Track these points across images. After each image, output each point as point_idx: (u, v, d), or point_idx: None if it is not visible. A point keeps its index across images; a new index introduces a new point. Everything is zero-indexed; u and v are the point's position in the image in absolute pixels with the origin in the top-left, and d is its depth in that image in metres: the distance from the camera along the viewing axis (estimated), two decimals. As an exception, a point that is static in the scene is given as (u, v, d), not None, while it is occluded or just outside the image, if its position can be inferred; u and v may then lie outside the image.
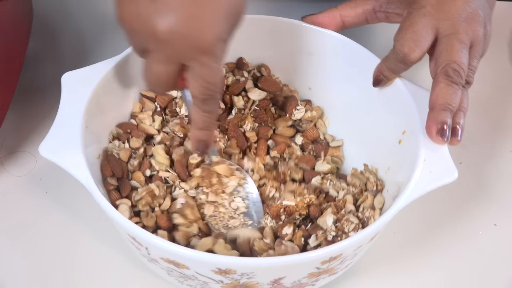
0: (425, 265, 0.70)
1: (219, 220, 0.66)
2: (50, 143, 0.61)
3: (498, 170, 0.78)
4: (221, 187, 0.66)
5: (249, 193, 0.67)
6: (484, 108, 0.85)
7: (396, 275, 0.69)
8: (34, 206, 0.73)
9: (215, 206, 0.66)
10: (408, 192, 0.59)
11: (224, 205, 0.66)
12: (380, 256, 0.70)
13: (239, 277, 0.56)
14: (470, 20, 0.65)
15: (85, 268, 0.68)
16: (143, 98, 0.73)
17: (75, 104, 0.64)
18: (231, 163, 0.68)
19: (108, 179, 0.65)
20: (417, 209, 0.72)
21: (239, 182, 0.67)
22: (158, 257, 0.57)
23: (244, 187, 0.67)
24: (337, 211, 0.65)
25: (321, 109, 0.76)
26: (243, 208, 0.66)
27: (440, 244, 0.72)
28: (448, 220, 0.73)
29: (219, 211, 0.66)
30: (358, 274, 0.69)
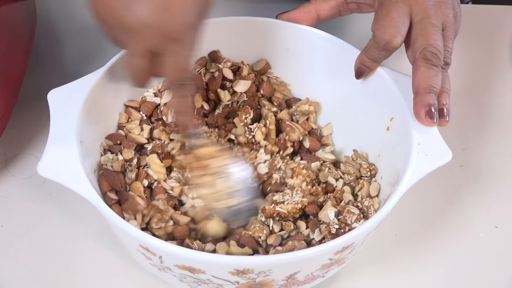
0: (423, 264, 0.71)
1: (212, 200, 0.66)
2: (48, 162, 0.60)
3: (499, 171, 0.79)
4: (204, 170, 0.67)
5: (236, 173, 0.68)
6: (485, 110, 0.86)
7: (395, 274, 0.70)
8: (37, 208, 0.73)
9: (201, 188, 0.67)
10: (408, 176, 0.60)
11: (212, 185, 0.67)
12: (378, 254, 0.71)
13: (255, 276, 0.57)
14: (439, 4, 0.68)
15: (87, 271, 0.69)
16: (128, 108, 0.72)
17: (65, 120, 0.63)
18: (216, 145, 0.69)
19: (108, 194, 0.65)
20: (416, 208, 0.75)
21: (222, 163, 0.67)
22: (172, 265, 0.57)
23: (229, 167, 0.68)
24: (337, 203, 0.66)
25: (319, 104, 0.77)
26: (228, 189, 0.67)
27: (438, 243, 0.72)
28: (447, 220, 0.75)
29: (210, 193, 0.66)
30: (357, 272, 0.70)
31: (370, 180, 0.69)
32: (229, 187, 0.67)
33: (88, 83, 0.66)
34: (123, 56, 0.68)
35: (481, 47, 0.95)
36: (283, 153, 0.72)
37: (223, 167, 0.67)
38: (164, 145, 0.69)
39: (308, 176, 0.68)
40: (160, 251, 0.56)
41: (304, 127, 0.75)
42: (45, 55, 0.89)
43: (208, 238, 0.65)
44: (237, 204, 0.67)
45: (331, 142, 0.76)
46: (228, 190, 0.67)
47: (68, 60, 0.90)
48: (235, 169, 0.68)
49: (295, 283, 0.60)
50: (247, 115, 0.72)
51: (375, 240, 0.70)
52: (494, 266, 0.71)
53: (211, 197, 0.66)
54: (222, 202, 0.67)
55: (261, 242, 0.64)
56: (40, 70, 0.86)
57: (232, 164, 0.68)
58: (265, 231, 0.64)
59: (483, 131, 0.83)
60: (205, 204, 0.67)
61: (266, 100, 0.76)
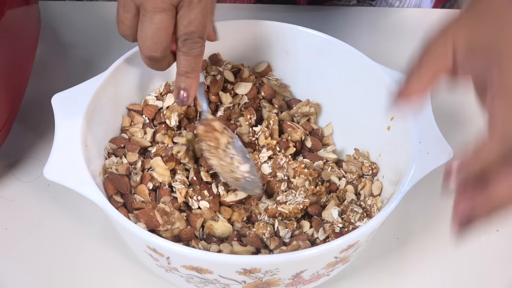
0: (425, 267, 0.71)
1: (225, 171, 0.68)
2: (54, 166, 0.61)
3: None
4: (217, 142, 0.68)
5: (238, 152, 0.70)
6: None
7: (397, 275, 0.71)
8: (41, 211, 0.74)
9: (218, 158, 0.68)
10: (410, 174, 0.61)
11: (223, 159, 0.68)
12: (381, 257, 0.72)
13: (262, 275, 0.57)
14: None
15: (92, 273, 0.69)
16: (131, 111, 0.73)
17: (70, 124, 0.64)
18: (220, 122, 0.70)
19: (113, 197, 0.65)
20: (417, 212, 0.75)
21: (227, 140, 0.69)
22: (180, 265, 0.58)
23: (233, 145, 0.69)
24: (340, 202, 0.67)
25: (320, 106, 0.78)
26: (236, 162, 0.69)
27: (440, 246, 0.73)
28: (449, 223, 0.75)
29: (221, 164, 0.68)
30: (360, 272, 0.70)
31: (372, 178, 0.70)
32: (237, 160, 0.69)
33: (92, 87, 0.67)
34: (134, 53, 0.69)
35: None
36: (286, 153, 0.72)
37: (230, 144, 0.69)
38: (167, 148, 0.70)
39: (310, 175, 0.69)
40: (168, 251, 0.56)
41: (305, 127, 0.75)
42: (49, 60, 0.90)
43: (213, 239, 0.66)
44: (248, 175, 0.69)
45: (332, 142, 0.77)
46: (236, 163, 0.69)
47: (72, 65, 0.90)
48: (236, 146, 0.70)
49: (301, 282, 0.61)
50: (251, 115, 0.73)
51: (378, 241, 0.71)
52: (495, 269, 0.71)
53: (227, 168, 0.68)
54: (236, 172, 0.69)
55: (266, 239, 0.65)
56: (44, 75, 0.87)
57: (233, 141, 0.70)
58: (269, 229, 0.65)
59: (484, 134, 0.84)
60: (221, 174, 0.68)
61: (266, 102, 0.77)
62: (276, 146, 0.73)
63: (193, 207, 0.69)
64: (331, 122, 0.77)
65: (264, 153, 0.72)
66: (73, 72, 0.88)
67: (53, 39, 0.93)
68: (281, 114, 0.76)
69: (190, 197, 0.69)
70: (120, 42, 0.70)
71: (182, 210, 0.68)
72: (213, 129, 0.68)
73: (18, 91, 0.75)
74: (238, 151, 0.70)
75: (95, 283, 0.69)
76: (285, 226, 0.66)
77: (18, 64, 0.74)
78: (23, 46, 0.76)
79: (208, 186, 0.70)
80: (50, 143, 0.62)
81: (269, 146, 0.73)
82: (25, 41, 0.77)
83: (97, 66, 0.87)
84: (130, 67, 0.71)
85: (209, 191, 0.69)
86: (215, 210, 0.69)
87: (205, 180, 0.70)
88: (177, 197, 0.68)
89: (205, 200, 0.69)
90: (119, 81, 0.70)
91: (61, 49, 0.93)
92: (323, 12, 0.98)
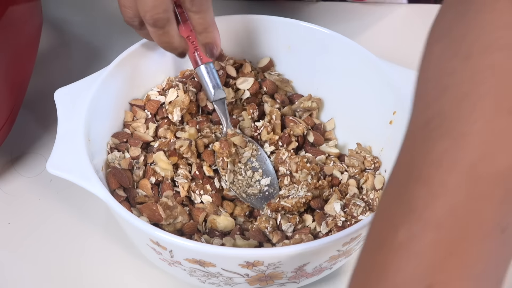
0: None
1: (239, 186, 0.69)
2: (56, 160, 0.61)
3: None
4: (237, 157, 0.70)
5: (262, 164, 0.71)
6: None
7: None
8: (44, 206, 0.74)
9: (234, 174, 0.69)
10: (413, 167, 0.61)
11: (241, 173, 0.70)
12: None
13: (265, 268, 0.57)
14: None
15: (94, 268, 0.69)
16: (133, 106, 0.73)
17: (73, 119, 0.64)
18: (244, 136, 0.72)
19: (116, 191, 0.65)
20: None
21: (252, 153, 0.70)
22: (183, 259, 0.58)
23: (257, 158, 0.71)
24: (342, 196, 0.67)
25: (322, 101, 0.78)
26: (258, 176, 0.70)
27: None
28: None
29: (237, 179, 0.69)
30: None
31: (374, 173, 0.70)
32: (259, 174, 0.70)
33: (94, 82, 0.67)
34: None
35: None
36: (288, 147, 0.73)
37: (252, 157, 0.71)
38: (170, 143, 0.70)
39: (312, 169, 0.69)
40: (171, 245, 0.56)
41: (307, 122, 0.76)
42: (51, 56, 0.90)
43: (216, 233, 0.66)
44: (268, 189, 0.70)
45: (334, 137, 0.77)
46: (258, 176, 0.70)
47: (74, 60, 0.91)
48: (261, 159, 0.71)
49: (304, 275, 0.61)
50: (253, 110, 0.74)
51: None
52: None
53: (245, 183, 0.69)
54: (255, 187, 0.70)
55: (268, 233, 0.65)
56: (46, 71, 0.87)
57: (259, 154, 0.71)
58: (272, 223, 0.65)
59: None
60: (237, 189, 0.69)
61: (268, 97, 0.77)
62: (278, 141, 0.73)
63: (196, 201, 0.69)
64: (333, 117, 0.77)
65: (267, 148, 0.73)
66: (75, 67, 0.89)
67: (55, 34, 0.94)
68: (283, 109, 0.76)
69: (192, 192, 0.69)
70: (122, 37, 0.71)
71: (185, 204, 0.69)
72: (229, 146, 0.69)
73: (20, 86, 0.75)
74: (262, 163, 0.71)
75: (98, 278, 0.69)
76: (287, 220, 0.66)
77: (21, 59, 0.75)
78: (25, 41, 0.76)
79: (210, 180, 0.70)
80: (52, 138, 0.62)
81: (271, 141, 0.73)
82: (27, 36, 0.77)
83: (100, 61, 0.87)
84: (133, 62, 0.72)
85: (211, 185, 0.70)
86: (218, 204, 0.69)
87: (207, 175, 0.70)
88: (179, 192, 0.68)
89: (207, 194, 0.69)
90: (122, 76, 0.70)
91: (63, 44, 0.94)
92: (326, 7, 0.98)
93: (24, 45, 0.76)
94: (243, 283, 0.60)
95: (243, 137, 0.71)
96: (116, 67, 0.69)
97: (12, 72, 0.72)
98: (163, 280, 0.68)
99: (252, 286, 0.61)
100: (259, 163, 0.71)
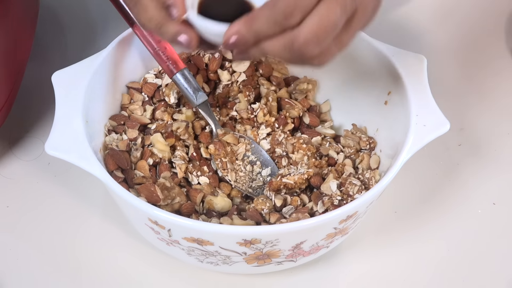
0: (423, 239, 0.72)
1: (243, 182, 0.70)
2: (55, 141, 0.61)
3: (496, 151, 0.81)
4: (233, 155, 0.70)
5: (258, 155, 0.71)
6: (481, 91, 0.87)
7: (395, 247, 0.71)
8: (42, 189, 0.75)
9: (235, 172, 0.69)
10: (408, 146, 0.62)
11: (242, 169, 0.70)
12: (379, 229, 0.73)
13: (263, 246, 0.58)
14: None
15: (93, 249, 0.70)
16: (130, 89, 0.73)
17: (71, 101, 0.64)
18: (234, 133, 0.72)
19: (114, 172, 0.66)
20: (414, 186, 0.76)
21: (245, 147, 0.71)
22: (181, 238, 0.59)
23: (252, 151, 0.71)
24: (339, 175, 0.68)
25: (317, 83, 0.78)
26: (257, 168, 0.71)
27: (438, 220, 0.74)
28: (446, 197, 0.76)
29: (240, 176, 0.70)
30: (359, 245, 0.71)
31: (370, 153, 0.71)
32: (258, 166, 0.71)
33: (91, 65, 0.68)
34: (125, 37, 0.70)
35: (477, 28, 0.96)
36: (284, 129, 0.73)
37: (248, 151, 0.71)
38: (167, 125, 0.70)
39: (308, 150, 0.70)
40: (169, 223, 0.57)
41: (303, 104, 0.76)
42: (48, 41, 0.90)
43: (213, 213, 0.66)
44: (271, 178, 0.70)
45: (330, 118, 0.77)
46: (258, 169, 0.71)
47: (70, 45, 0.91)
48: (256, 150, 0.72)
49: (301, 253, 0.62)
50: (249, 92, 0.74)
51: (376, 216, 0.72)
52: (491, 242, 0.72)
53: (248, 178, 0.70)
54: (258, 180, 0.70)
55: (264, 215, 0.66)
56: (43, 56, 0.87)
57: (252, 146, 0.72)
58: (268, 204, 0.66)
59: (480, 111, 0.85)
60: (242, 186, 0.70)
61: (264, 79, 0.77)
62: (274, 123, 0.73)
63: (193, 182, 0.69)
64: (329, 98, 0.78)
65: (263, 130, 0.73)
66: (72, 51, 0.89)
67: (52, 19, 0.94)
68: (279, 91, 0.77)
69: (190, 173, 0.69)
70: (119, 21, 0.70)
71: (182, 185, 0.69)
72: (223, 145, 0.69)
73: (18, 70, 0.75)
74: (258, 155, 0.71)
75: (97, 259, 0.69)
76: (283, 202, 0.67)
77: (18, 44, 0.75)
78: (22, 25, 0.76)
79: (207, 162, 0.71)
80: (50, 122, 0.63)
81: (267, 123, 0.73)
82: (24, 23, 0.77)
83: (97, 44, 0.87)
84: (129, 45, 0.72)
85: (208, 167, 0.70)
86: (215, 185, 0.70)
87: (204, 156, 0.71)
88: (177, 173, 0.69)
89: (204, 176, 0.69)
90: (118, 59, 0.71)
91: (60, 29, 0.94)
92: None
93: (21, 29, 0.76)
94: (241, 261, 0.61)
95: (233, 134, 0.71)
96: (113, 50, 0.70)
97: (9, 56, 0.72)
98: (162, 260, 0.69)
99: (250, 264, 0.61)
100: (255, 155, 0.71)
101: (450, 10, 0.99)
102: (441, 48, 0.92)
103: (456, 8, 0.99)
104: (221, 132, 0.71)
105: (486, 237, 0.73)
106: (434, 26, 0.96)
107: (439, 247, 0.71)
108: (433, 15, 0.98)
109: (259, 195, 0.69)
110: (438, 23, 0.97)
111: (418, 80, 0.67)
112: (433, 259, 0.70)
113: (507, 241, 0.72)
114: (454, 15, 0.98)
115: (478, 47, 0.93)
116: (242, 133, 0.73)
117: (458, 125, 0.82)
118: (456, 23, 0.96)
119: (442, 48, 0.93)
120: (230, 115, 0.75)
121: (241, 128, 0.74)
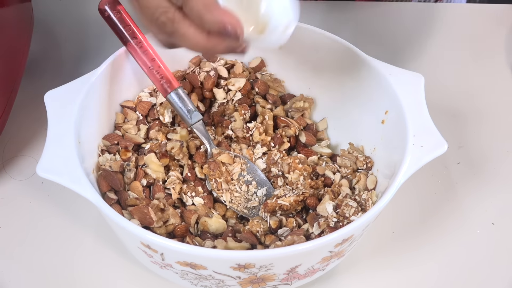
0: (421, 260, 0.71)
1: (238, 203, 0.69)
2: (47, 163, 0.61)
3: (495, 169, 0.80)
4: (228, 175, 0.69)
5: (254, 175, 0.70)
6: (481, 109, 0.87)
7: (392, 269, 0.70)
8: (36, 209, 0.74)
9: (230, 192, 0.69)
10: (405, 167, 0.61)
11: (237, 190, 0.69)
12: (376, 251, 0.72)
13: (257, 271, 0.57)
14: None
15: (86, 270, 0.69)
16: (124, 108, 0.73)
17: (63, 121, 0.64)
18: (230, 152, 0.71)
19: (107, 193, 0.65)
20: (413, 206, 0.75)
21: (241, 167, 0.70)
22: (174, 262, 0.58)
23: (247, 171, 0.70)
24: (335, 196, 0.67)
25: (314, 101, 0.77)
26: (253, 188, 0.70)
27: (436, 240, 0.73)
28: (444, 218, 0.75)
29: (235, 196, 0.69)
30: (355, 267, 0.70)
31: (367, 173, 0.70)
32: (254, 186, 0.70)
33: (85, 84, 0.67)
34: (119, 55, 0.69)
35: (477, 46, 0.96)
36: (280, 148, 0.72)
37: (244, 170, 0.70)
38: (161, 145, 0.70)
39: (304, 170, 0.69)
40: (162, 248, 0.56)
41: (299, 122, 0.75)
42: (42, 57, 0.90)
43: (207, 235, 0.65)
44: (265, 199, 0.69)
45: (327, 137, 0.76)
46: (253, 189, 0.70)
47: (65, 61, 0.90)
48: (251, 170, 0.71)
49: (296, 277, 0.61)
50: (245, 111, 0.73)
51: (373, 237, 0.71)
52: (490, 262, 0.71)
53: (243, 198, 0.69)
54: (253, 200, 0.69)
55: (259, 236, 0.65)
56: (38, 72, 0.87)
57: (248, 166, 0.71)
58: (263, 226, 0.65)
59: (479, 129, 0.84)
60: (237, 206, 0.69)
61: (260, 97, 0.77)
62: (270, 142, 0.73)
63: (187, 203, 0.68)
64: (326, 116, 0.77)
65: (259, 149, 0.72)
66: (66, 69, 0.88)
67: (46, 36, 0.93)
68: (275, 109, 0.76)
69: (184, 194, 0.68)
70: (113, 39, 0.70)
71: (176, 206, 0.68)
72: (218, 165, 0.69)
73: (11, 88, 0.74)
74: (254, 174, 0.71)
75: (89, 281, 0.68)
76: (279, 224, 0.66)
77: (11, 61, 0.74)
78: (16, 43, 0.76)
79: (202, 182, 0.70)
80: (43, 141, 0.62)
81: (263, 142, 0.72)
82: (18, 38, 0.77)
83: (90, 63, 0.86)
84: (123, 64, 0.71)
85: (203, 187, 0.69)
86: (210, 206, 0.69)
87: (199, 177, 0.70)
88: (171, 194, 0.68)
89: (199, 196, 0.69)
90: (112, 78, 0.70)
91: (54, 46, 0.93)
92: (317, 7, 0.98)
93: (15, 47, 0.75)
94: (235, 285, 0.60)
95: (229, 153, 0.70)
96: (106, 69, 0.69)
97: (2, 73, 0.71)
98: (155, 283, 0.68)
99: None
100: (250, 175, 0.71)
101: (448, 27, 0.98)
102: (440, 65, 0.92)
103: (455, 25, 0.98)
104: (216, 151, 0.70)
105: (485, 258, 0.71)
106: (433, 42, 0.95)
107: (437, 269, 0.70)
108: (431, 32, 0.97)
109: (254, 215, 0.68)
110: (436, 39, 0.96)
111: (415, 100, 0.66)
112: (431, 282, 0.69)
113: (507, 261, 0.71)
114: (452, 32, 0.97)
115: (477, 66, 0.92)
116: (237, 152, 0.72)
117: (457, 143, 0.81)
118: (455, 42, 0.96)
119: (441, 65, 0.92)
120: (226, 134, 0.74)
121: (237, 147, 0.73)
